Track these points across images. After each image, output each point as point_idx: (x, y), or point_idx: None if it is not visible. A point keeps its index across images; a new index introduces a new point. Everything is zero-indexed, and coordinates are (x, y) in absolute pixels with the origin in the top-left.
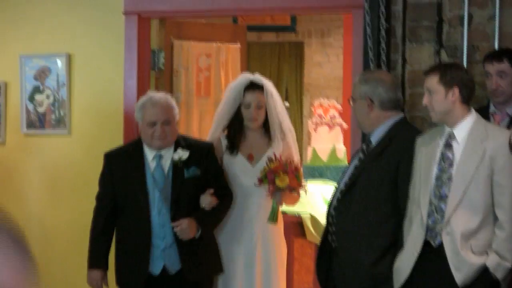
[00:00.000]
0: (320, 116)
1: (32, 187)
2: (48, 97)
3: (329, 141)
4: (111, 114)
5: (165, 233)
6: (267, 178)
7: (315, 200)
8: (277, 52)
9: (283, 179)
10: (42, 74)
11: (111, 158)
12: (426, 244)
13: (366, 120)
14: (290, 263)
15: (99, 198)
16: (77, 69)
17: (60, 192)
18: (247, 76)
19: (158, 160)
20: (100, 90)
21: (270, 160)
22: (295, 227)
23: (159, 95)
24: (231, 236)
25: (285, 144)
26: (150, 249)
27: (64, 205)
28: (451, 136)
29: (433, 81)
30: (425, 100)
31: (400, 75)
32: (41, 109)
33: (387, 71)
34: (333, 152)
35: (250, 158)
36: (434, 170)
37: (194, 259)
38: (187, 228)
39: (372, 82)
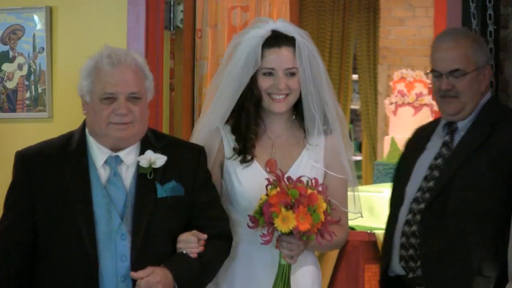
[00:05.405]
0: (401, 93)
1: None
2: (20, 67)
3: (414, 127)
4: None
5: None
6: (263, 215)
7: None
8: (342, 4)
9: (288, 219)
10: (12, 35)
11: (30, 161)
12: None
13: (476, 100)
14: None
15: (7, 229)
16: (62, 28)
17: None
18: (266, 24)
19: (115, 166)
20: None
21: (271, 182)
22: (367, 248)
23: (122, 51)
24: None
25: (329, 141)
26: None
27: None
28: None
29: None
30: None
31: None
32: (11, 85)
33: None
34: None
35: (271, 167)
36: None
37: None
38: (157, 283)
39: (484, 43)
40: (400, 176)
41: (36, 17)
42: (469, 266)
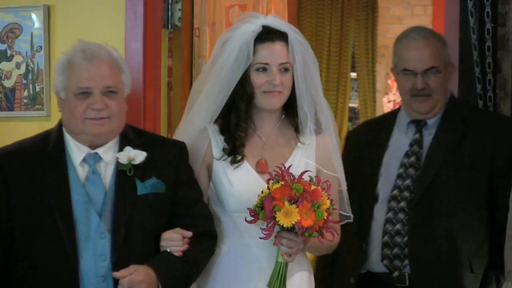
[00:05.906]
0: None
1: None
2: (18, 66)
3: None
4: None
5: None
6: (264, 209)
7: None
8: (340, 2)
9: (290, 213)
10: (10, 34)
11: (3, 161)
12: None
13: (446, 98)
14: None
15: None
16: (59, 27)
17: None
18: (256, 19)
19: (94, 164)
20: None
21: (273, 176)
22: None
23: (96, 45)
24: None
25: (321, 140)
26: None
27: None
28: None
29: None
30: None
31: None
32: (8, 83)
33: None
34: None
35: (262, 167)
36: None
37: None
38: (140, 282)
39: (445, 41)
40: (366, 173)
41: (34, 16)
42: (459, 264)
